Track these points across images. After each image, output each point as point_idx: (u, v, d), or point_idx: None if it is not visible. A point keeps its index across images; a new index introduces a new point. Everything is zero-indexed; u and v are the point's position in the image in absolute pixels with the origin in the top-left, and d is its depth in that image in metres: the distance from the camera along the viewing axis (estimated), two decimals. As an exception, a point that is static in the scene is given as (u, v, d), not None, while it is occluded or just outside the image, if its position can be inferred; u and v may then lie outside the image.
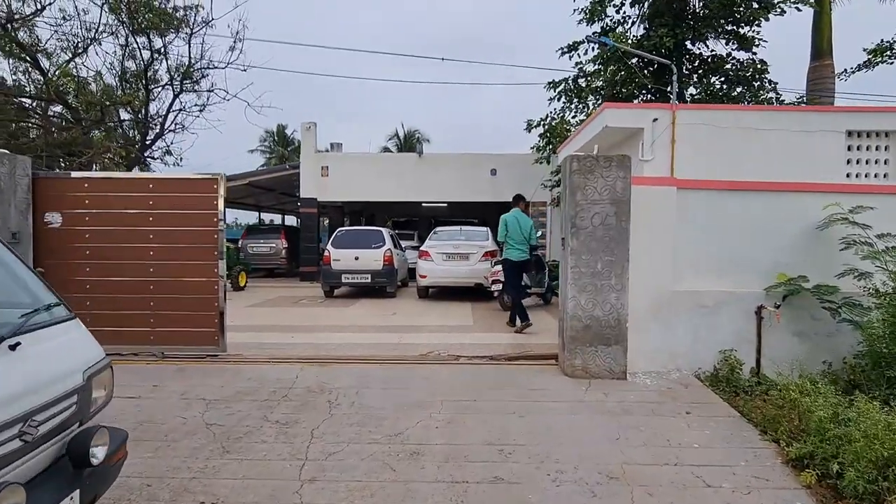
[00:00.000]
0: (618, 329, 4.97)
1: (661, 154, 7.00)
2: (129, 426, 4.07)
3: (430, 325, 8.18)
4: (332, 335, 7.25)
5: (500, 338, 7.12)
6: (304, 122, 16.81)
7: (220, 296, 5.59)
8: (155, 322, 5.62)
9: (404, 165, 16.93)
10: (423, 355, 5.97)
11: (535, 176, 15.95)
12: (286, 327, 7.91)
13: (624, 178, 4.92)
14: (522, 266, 7.78)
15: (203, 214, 5.54)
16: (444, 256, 11.16)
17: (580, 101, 11.23)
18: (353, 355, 5.93)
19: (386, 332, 7.50)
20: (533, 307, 10.29)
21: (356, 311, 9.87)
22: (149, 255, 5.59)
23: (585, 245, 4.95)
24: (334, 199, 17.12)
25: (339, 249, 11.86)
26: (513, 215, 7.78)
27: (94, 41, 17.48)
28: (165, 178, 5.60)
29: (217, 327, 5.61)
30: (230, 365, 5.49)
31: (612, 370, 4.99)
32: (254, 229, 19.13)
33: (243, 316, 9.09)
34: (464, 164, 16.65)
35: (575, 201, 4.95)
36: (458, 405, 4.44)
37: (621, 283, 4.95)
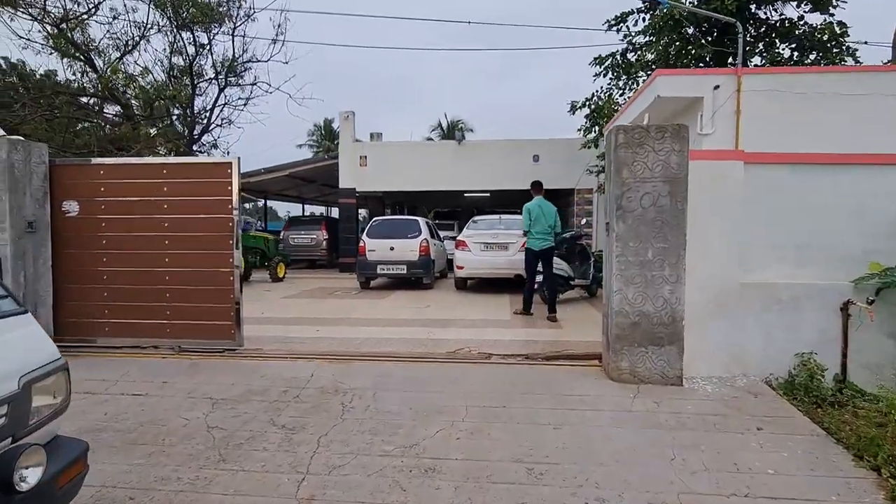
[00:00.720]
0: (672, 327, 4.29)
1: (724, 126, 6.14)
2: (128, 427, 3.80)
3: (463, 318, 7.67)
4: (359, 329, 6.87)
5: (538, 334, 6.52)
6: (343, 111, 16.57)
7: (235, 287, 5.27)
8: (171, 314, 5.38)
9: (443, 153, 16.41)
10: (451, 353, 5.47)
11: (580, 162, 15.08)
12: (314, 320, 7.60)
13: (680, 152, 4.21)
14: (545, 255, 7.59)
15: (217, 201, 5.23)
16: (482, 246, 10.60)
17: (629, 77, 10.34)
18: (376, 352, 5.51)
19: (416, 326, 7.04)
20: (576, 300, 9.60)
21: (389, 303, 9.49)
22: (164, 245, 5.34)
23: (633, 230, 4.29)
24: (373, 189, 16.83)
25: (375, 239, 11.51)
26: (536, 203, 7.59)
27: (143, 38, 17.91)
28: (179, 164, 5.33)
29: (233, 320, 5.31)
30: (246, 361, 5.17)
31: (664, 374, 4.32)
32: (295, 221, 19.20)
33: (276, 308, 8.89)
34: (505, 150, 15.96)
35: (621, 179, 4.29)
36: (485, 412, 3.91)
37: (676, 273, 4.26)
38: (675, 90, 5.91)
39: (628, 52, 10.23)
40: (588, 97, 10.99)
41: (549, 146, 15.79)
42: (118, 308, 5.43)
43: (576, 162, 15.28)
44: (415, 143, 17.04)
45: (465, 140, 16.41)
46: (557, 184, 15.83)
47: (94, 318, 5.46)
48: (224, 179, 5.19)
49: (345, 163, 16.55)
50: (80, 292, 5.45)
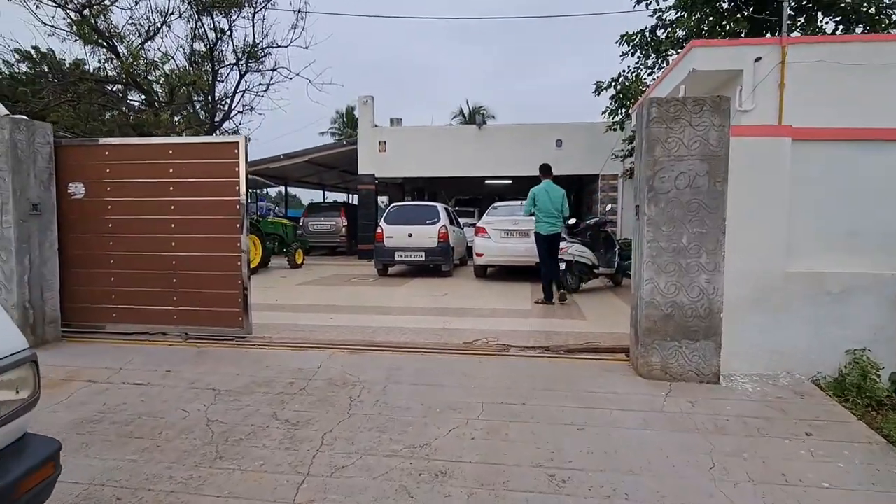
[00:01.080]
0: (708, 320, 3.92)
1: (766, 102, 5.64)
2: (126, 419, 3.61)
3: (482, 308, 7.36)
4: (373, 318, 6.63)
5: (560, 325, 6.18)
6: (361, 96, 16.30)
7: (243, 273, 5.06)
8: (178, 300, 5.20)
9: (464, 138, 16.03)
10: (468, 344, 5.18)
11: (604, 146, 14.56)
12: (328, 307, 7.39)
13: (720, 127, 3.80)
14: (552, 240, 7.54)
15: (224, 183, 5.01)
16: (502, 233, 10.25)
17: (658, 55, 9.79)
18: (389, 342, 5.25)
19: (432, 316, 6.77)
20: (601, 290, 9.20)
21: (406, 291, 9.24)
22: (170, 228, 5.15)
23: (666, 213, 3.91)
24: (392, 174, 16.58)
25: (392, 226, 11.26)
26: (542, 187, 7.56)
27: (165, 24, 17.88)
28: (184, 143, 5.12)
29: (241, 307, 5.10)
30: (253, 349, 4.97)
31: (699, 371, 3.96)
32: (314, 207, 19.08)
33: (291, 294, 8.72)
34: (526, 135, 15.49)
35: (653, 158, 3.90)
36: (503, 410, 3.62)
37: (714, 261, 3.87)
38: (712, 63, 5.44)
39: (658, 28, 9.67)
40: (614, 77, 10.47)
41: (573, 130, 15.27)
42: (125, 293, 5.28)
43: (600, 147, 14.76)
44: (434, 128, 16.66)
45: (486, 124, 15.97)
46: (582, 169, 15.36)
47: (102, 304, 5.32)
48: (231, 160, 4.96)
49: (364, 148, 16.31)
50: (87, 277, 5.32)
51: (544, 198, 7.50)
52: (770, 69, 5.44)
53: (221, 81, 20.19)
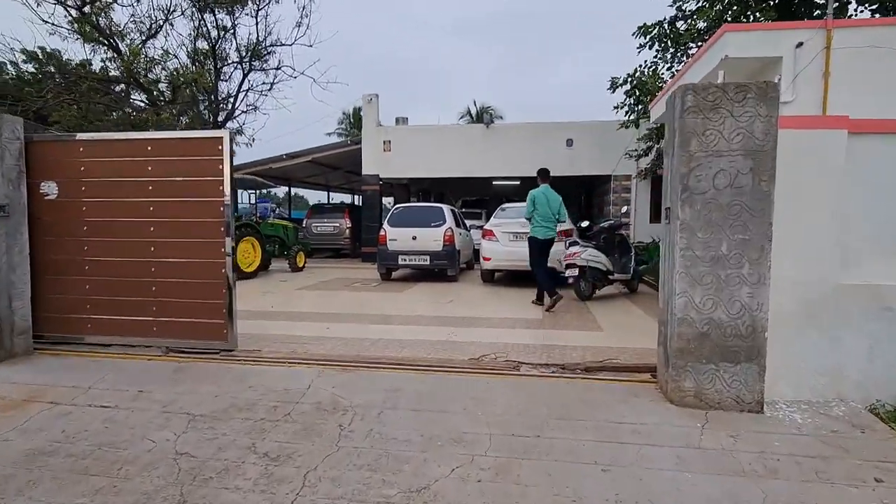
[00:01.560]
0: (751, 339, 3.42)
1: (808, 92, 5.11)
2: (83, 451, 3.13)
3: (490, 317, 6.88)
4: (372, 327, 6.16)
5: (575, 337, 5.69)
6: (366, 94, 15.87)
7: (228, 281, 4.61)
8: (158, 310, 4.76)
9: (471, 138, 15.54)
10: (474, 360, 4.70)
11: (616, 145, 14.03)
12: (326, 315, 6.94)
13: (767, 118, 3.30)
14: (546, 245, 7.57)
15: (207, 182, 4.57)
16: (510, 236, 9.76)
17: (678, 47, 9.27)
18: (388, 357, 4.78)
19: (436, 326, 6.29)
20: (615, 297, 8.68)
21: (409, 297, 8.77)
22: (149, 232, 4.72)
23: (703, 217, 3.42)
24: (397, 175, 16.13)
25: (396, 228, 10.80)
26: (541, 191, 7.59)
27: (167, 21, 17.57)
28: (164, 139, 4.67)
29: (225, 318, 4.65)
30: (238, 365, 4.52)
31: (740, 399, 3.46)
32: (318, 208, 18.68)
33: (288, 300, 8.28)
34: (536, 134, 14.99)
35: (688, 153, 3.41)
36: (514, 443, 3.14)
37: (758, 272, 3.37)
38: (746, 49, 4.93)
39: (677, 20, 9.16)
40: (630, 73, 9.95)
41: (584, 129, 14.74)
42: (101, 303, 4.85)
43: (613, 146, 14.23)
44: (440, 127, 16.19)
45: (494, 123, 15.49)
46: (593, 170, 14.84)
47: (76, 314, 4.90)
48: (214, 157, 4.52)
49: (368, 148, 15.87)
50: (61, 284, 4.90)
51: (543, 202, 7.50)
52: (813, 56, 4.92)
53: (225, 81, 19.89)
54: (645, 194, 14.44)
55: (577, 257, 8.05)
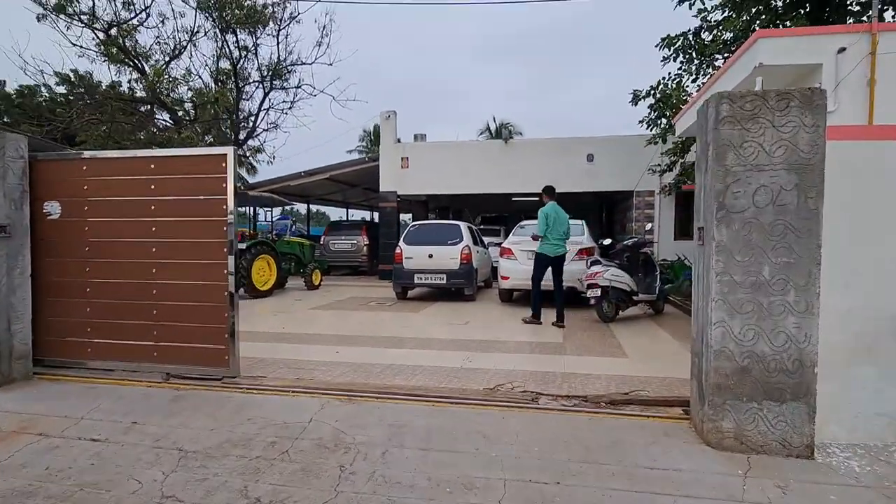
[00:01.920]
0: (798, 375, 3.04)
1: (850, 102, 4.72)
2: (64, 492, 2.88)
3: (507, 340, 6.54)
4: (384, 352, 5.89)
5: (598, 365, 5.32)
6: (383, 111, 15.82)
7: (229, 304, 4.39)
8: (158, 335, 4.57)
9: (489, 153, 15.32)
10: (489, 390, 4.38)
11: (639, 160, 13.65)
12: (337, 338, 6.69)
13: (813, 128, 2.97)
14: (559, 262, 7.62)
15: (209, 201, 4.39)
16: (529, 254, 9.39)
17: (703, 59, 8.93)
18: (397, 386, 4.49)
19: (451, 350, 5.99)
20: (639, 319, 8.26)
21: (424, 318, 8.48)
22: (151, 253, 4.55)
23: (742, 238, 3.08)
24: (414, 192, 15.96)
25: (412, 246, 10.57)
26: (552, 208, 7.62)
27: (190, 42, 17.92)
28: (167, 157, 4.53)
29: (227, 344, 4.43)
30: (238, 394, 4.28)
31: (786, 442, 3.07)
32: (335, 225, 18.60)
33: (299, 321, 8.07)
34: (556, 150, 14.70)
35: (725, 168, 3.09)
36: (531, 492, 2.80)
37: (805, 300, 3.01)
38: (782, 56, 4.59)
39: (702, 31, 8.84)
40: (653, 85, 9.64)
41: (606, 144, 14.40)
42: (102, 326, 4.68)
43: (635, 162, 13.85)
44: (458, 143, 16.01)
45: (513, 139, 15.26)
46: (614, 185, 14.45)
47: (77, 337, 4.74)
48: (217, 175, 4.34)
49: (386, 165, 15.77)
50: (61, 307, 4.75)
51: (554, 219, 7.54)
52: (857, 62, 4.55)
53: (247, 99, 20.17)
54: (669, 211, 13.99)
55: (600, 277, 7.68)
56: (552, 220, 7.49)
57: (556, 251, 7.54)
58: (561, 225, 7.59)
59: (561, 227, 7.59)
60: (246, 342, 6.37)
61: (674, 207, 13.95)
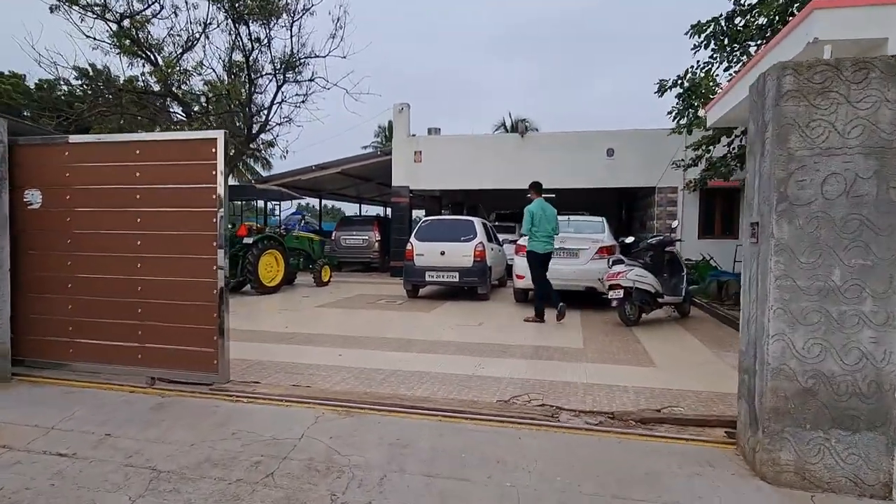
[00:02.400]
0: (875, 400, 2.55)
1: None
2: (15, 517, 2.58)
3: (523, 344, 6.09)
4: (390, 355, 5.48)
5: (624, 374, 4.84)
6: (397, 104, 15.40)
7: (219, 303, 4.01)
8: (144, 335, 4.21)
9: (505, 148, 14.82)
10: (503, 403, 3.94)
11: (661, 156, 13.08)
12: (341, 339, 6.30)
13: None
14: (549, 258, 7.58)
15: (198, 190, 4.01)
16: (547, 252, 8.94)
17: (736, 45, 8.34)
18: (401, 396, 4.06)
19: (462, 354, 5.55)
20: (665, 322, 7.73)
21: (435, 318, 8.05)
22: (136, 246, 4.18)
23: (807, 236, 2.59)
24: (427, 187, 15.54)
25: (423, 243, 10.14)
26: (538, 205, 7.54)
27: (203, 34, 17.70)
28: (153, 141, 4.14)
29: (216, 346, 4.04)
30: (227, 402, 3.89)
31: (859, 479, 2.58)
32: (347, 221, 18.28)
33: (304, 319, 7.70)
34: (574, 144, 14.15)
35: (787, 152, 2.60)
36: (553, 533, 2.36)
37: (886, 310, 2.52)
38: (841, 29, 4.02)
39: (735, 15, 8.25)
40: (680, 74, 9.07)
41: (627, 139, 13.83)
42: (84, 325, 4.34)
43: (658, 157, 13.27)
44: (473, 137, 15.52)
45: (529, 133, 14.74)
46: (635, 181, 13.88)
47: (58, 337, 4.40)
48: (207, 161, 3.95)
49: (398, 159, 15.36)
50: (42, 303, 4.42)
51: (541, 216, 7.45)
52: (934, 34, 4.00)
53: (260, 93, 19.92)
54: (692, 208, 13.37)
55: (622, 277, 7.18)
56: (538, 217, 7.40)
57: (546, 248, 7.46)
58: (549, 222, 7.49)
59: (549, 224, 7.49)
60: (245, 342, 6.03)
61: (698, 204, 13.34)
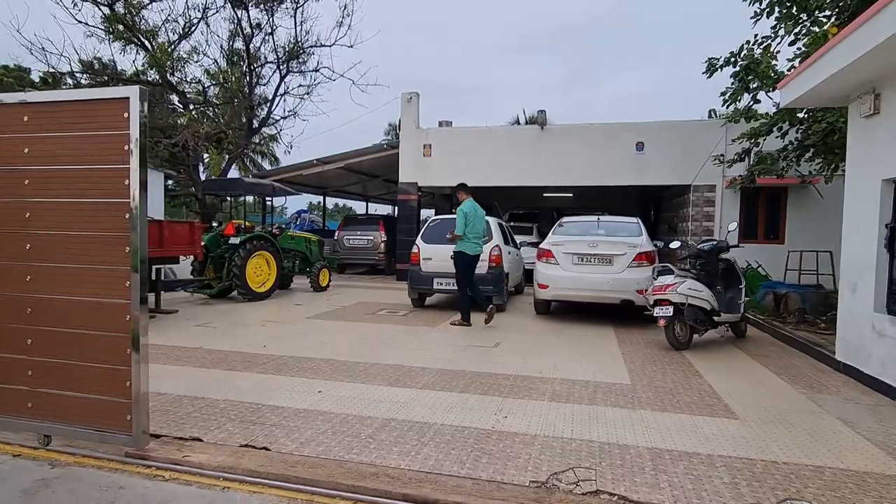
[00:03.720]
0: None
1: None
2: None
3: (553, 376, 4.82)
4: (384, 392, 4.25)
5: (699, 430, 3.56)
6: (405, 92, 14.17)
7: (133, 336, 2.80)
8: (35, 376, 3.01)
9: (523, 141, 13.52)
10: (539, 486, 2.69)
11: (697, 150, 11.76)
12: (328, 365, 5.08)
13: None
14: (477, 260, 7.49)
15: (103, 173, 2.80)
16: (575, 258, 7.67)
17: (805, 14, 6.99)
18: (391, 473, 2.82)
19: (477, 393, 4.30)
20: (719, 344, 6.38)
21: (442, 335, 6.79)
22: (25, 251, 2.99)
23: None
24: (437, 183, 14.28)
25: (432, 245, 8.90)
26: (471, 205, 7.46)
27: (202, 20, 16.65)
28: (47, 102, 2.92)
29: (128, 395, 2.83)
30: (137, 481, 2.68)
31: None
32: (351, 220, 17.05)
33: (289, 336, 6.50)
34: (599, 137, 12.82)
35: None
36: None
37: None
38: None
39: (805, -22, 6.92)
40: (734, 51, 7.73)
41: (657, 132, 12.48)
42: (-41, 359, 3.14)
43: (692, 151, 11.93)
44: (488, 130, 14.19)
45: (550, 125, 13.41)
46: (667, 179, 12.52)
47: (-73, 374, 3.20)
48: (116, 132, 2.75)
49: (406, 153, 14.14)
50: None
51: (473, 217, 7.32)
52: None
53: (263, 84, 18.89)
54: (732, 208, 11.98)
55: (672, 291, 5.89)
56: (471, 217, 7.25)
57: (476, 250, 7.34)
58: (479, 223, 7.42)
59: (479, 224, 7.42)
60: (207, 368, 4.85)
61: (738, 204, 11.95)
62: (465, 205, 7.40)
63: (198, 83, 17.05)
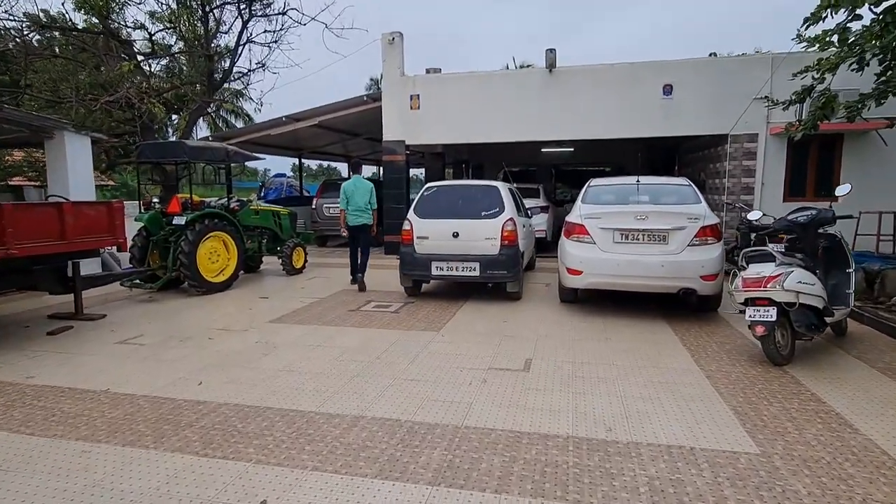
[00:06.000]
0: None
1: None
2: None
3: (633, 440, 3.11)
4: (369, 497, 2.52)
5: None
6: (386, 33, 11.93)
7: None
8: None
9: (528, 88, 11.46)
10: None
11: (736, 93, 9.92)
12: (283, 419, 3.35)
13: None
14: (360, 230, 8.13)
15: None
16: (617, 235, 5.89)
17: None
18: None
19: (527, 499, 2.59)
20: (816, 347, 4.63)
21: (448, 346, 5.05)
22: None
23: None
24: (428, 141, 12.26)
25: (428, 220, 7.05)
26: (352, 183, 8.13)
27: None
28: None
29: None
30: None
31: None
32: (331, 185, 14.98)
33: (238, 358, 4.73)
34: (620, 80, 10.81)
35: None
36: None
37: None
38: None
39: None
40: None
41: (689, 71, 10.51)
42: None
43: (730, 94, 10.03)
44: (487, 75, 12.01)
45: (560, 66, 11.30)
46: (700, 128, 10.60)
47: None
48: None
49: (390, 106, 12.05)
50: None
51: (353, 193, 8.00)
52: None
53: (225, 33, 16.41)
54: (777, 161, 10.19)
55: (776, 286, 4.16)
56: (350, 192, 8.00)
57: (356, 221, 8.06)
58: (362, 196, 8.03)
59: (362, 198, 8.03)
60: (86, 451, 2.86)
61: (784, 157, 10.16)
62: (347, 182, 8.23)
63: (142, 28, 14.56)
